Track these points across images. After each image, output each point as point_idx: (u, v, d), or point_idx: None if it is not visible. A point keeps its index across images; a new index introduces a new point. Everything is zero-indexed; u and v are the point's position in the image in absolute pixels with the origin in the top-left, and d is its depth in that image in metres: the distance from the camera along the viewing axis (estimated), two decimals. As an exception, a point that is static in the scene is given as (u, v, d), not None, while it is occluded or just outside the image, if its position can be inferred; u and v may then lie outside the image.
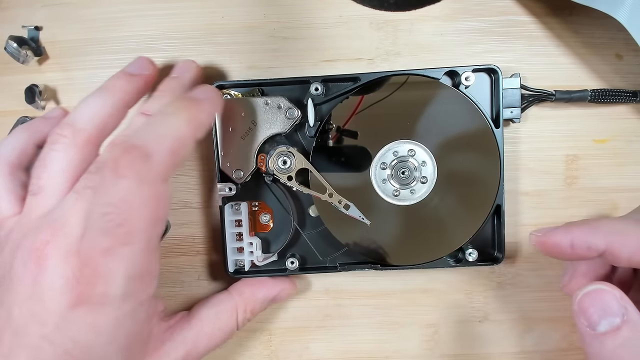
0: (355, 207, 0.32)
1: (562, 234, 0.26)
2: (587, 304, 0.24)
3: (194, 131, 0.26)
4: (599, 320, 0.23)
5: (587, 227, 0.26)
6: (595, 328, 0.23)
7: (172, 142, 0.24)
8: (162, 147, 0.24)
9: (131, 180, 0.22)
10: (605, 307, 0.23)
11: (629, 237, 0.24)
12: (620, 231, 0.25)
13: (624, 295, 0.24)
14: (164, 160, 0.24)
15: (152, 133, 0.24)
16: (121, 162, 0.22)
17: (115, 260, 0.22)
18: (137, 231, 0.22)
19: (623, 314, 0.23)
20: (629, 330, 0.22)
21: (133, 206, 0.22)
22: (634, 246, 0.24)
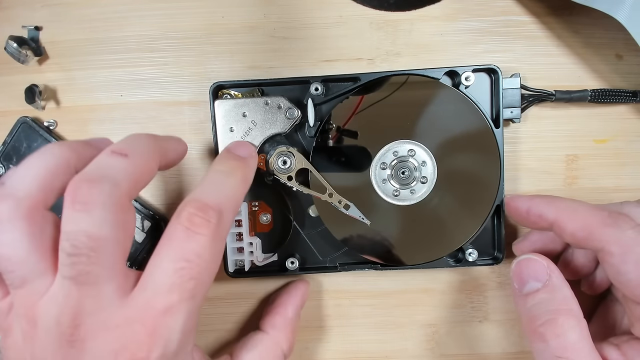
0: (355, 207, 0.32)
1: (524, 201, 0.30)
2: (519, 269, 0.28)
3: (245, 190, 0.27)
4: (526, 283, 0.27)
5: (545, 199, 0.29)
6: (522, 289, 0.27)
7: (235, 202, 0.25)
8: (230, 206, 0.24)
9: (207, 237, 0.22)
10: (533, 272, 0.27)
11: (577, 215, 0.27)
12: (572, 209, 0.27)
13: (552, 264, 0.27)
14: (231, 218, 0.25)
15: (220, 192, 0.24)
16: (196, 219, 0.22)
17: (177, 317, 0.22)
18: (203, 284, 0.23)
19: (546, 280, 0.27)
20: (547, 293, 0.26)
21: (206, 261, 0.22)
22: (579, 225, 0.27)
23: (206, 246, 0.22)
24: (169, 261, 0.22)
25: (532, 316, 0.26)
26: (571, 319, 0.25)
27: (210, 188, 0.25)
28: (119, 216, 0.22)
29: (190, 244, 0.22)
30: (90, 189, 0.21)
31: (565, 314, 0.25)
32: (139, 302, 0.22)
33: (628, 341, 0.27)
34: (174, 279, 0.22)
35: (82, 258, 0.21)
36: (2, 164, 0.35)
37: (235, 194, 0.26)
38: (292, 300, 0.34)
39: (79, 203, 0.21)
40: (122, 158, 0.23)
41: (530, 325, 0.26)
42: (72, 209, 0.21)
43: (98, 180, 0.22)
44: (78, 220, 0.21)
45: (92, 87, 0.36)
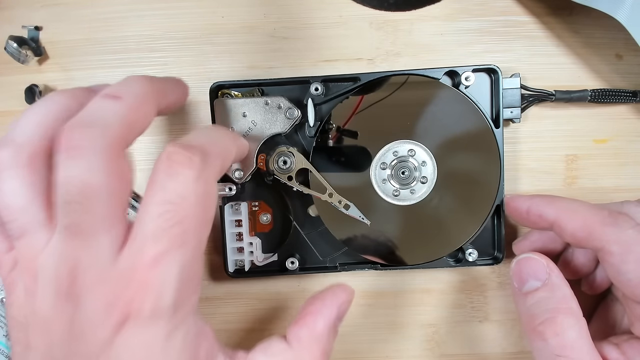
0: (355, 207, 0.32)
1: (524, 201, 0.30)
2: (519, 268, 0.28)
3: (235, 148, 0.26)
4: (525, 282, 0.27)
5: (545, 199, 0.29)
6: (522, 288, 0.27)
7: (223, 148, 0.24)
8: (216, 149, 0.23)
9: (189, 176, 0.21)
10: (533, 271, 0.27)
11: (577, 215, 0.27)
12: (572, 209, 0.27)
13: (551, 263, 0.27)
14: (217, 161, 0.23)
15: (205, 136, 0.23)
16: (177, 157, 0.21)
17: (168, 267, 0.20)
18: (192, 231, 0.21)
19: (546, 279, 0.27)
20: (546, 292, 0.26)
21: (190, 203, 0.21)
22: (579, 224, 0.27)
23: (189, 186, 0.21)
24: (152, 204, 0.21)
25: (531, 315, 0.26)
26: (570, 317, 0.25)
27: (194, 134, 0.23)
28: (112, 162, 0.21)
29: (172, 183, 0.21)
30: (81, 134, 0.20)
31: (565, 312, 0.25)
32: (130, 253, 0.21)
33: (628, 340, 0.27)
34: (158, 223, 0.20)
35: (75, 206, 0.20)
36: (2, 164, 0.35)
37: (224, 141, 0.24)
38: (326, 310, 0.27)
39: (70, 148, 0.20)
40: (115, 101, 0.22)
41: (530, 323, 0.26)
42: (64, 155, 0.20)
43: (89, 125, 0.21)
44: (70, 166, 0.20)
45: (92, 87, 0.35)
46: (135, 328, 0.20)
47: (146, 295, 0.20)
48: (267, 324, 0.37)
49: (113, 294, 0.20)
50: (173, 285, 0.21)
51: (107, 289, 0.20)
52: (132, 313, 0.20)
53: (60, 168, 0.20)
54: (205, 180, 0.22)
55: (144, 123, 0.23)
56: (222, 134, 0.26)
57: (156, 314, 0.20)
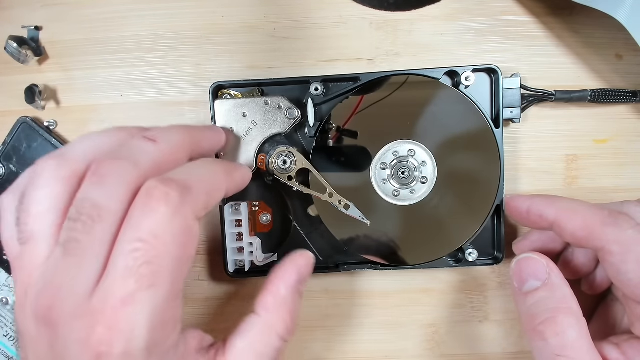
0: (355, 207, 0.32)
1: (524, 200, 0.30)
2: (519, 268, 0.28)
3: (227, 182, 0.25)
4: (526, 282, 0.27)
5: (545, 199, 0.29)
6: (522, 288, 0.27)
7: (209, 184, 0.24)
8: (200, 185, 0.23)
9: (164, 214, 0.20)
10: (533, 271, 0.27)
11: (577, 215, 0.27)
12: (572, 209, 0.28)
13: (551, 263, 0.27)
14: (201, 197, 0.22)
15: (189, 172, 0.23)
16: (154, 192, 0.21)
17: (137, 309, 0.20)
18: (164, 271, 0.20)
19: (546, 278, 0.27)
20: (546, 291, 0.27)
21: (164, 242, 0.20)
22: (579, 224, 0.27)
23: (163, 224, 0.20)
24: (124, 242, 0.20)
25: (531, 315, 0.26)
26: (570, 317, 0.25)
27: (182, 169, 0.23)
28: (127, 197, 0.21)
29: (146, 220, 0.20)
30: (110, 165, 0.21)
31: (565, 312, 0.25)
32: (102, 290, 0.20)
33: (628, 340, 0.27)
34: (128, 262, 0.20)
35: (78, 224, 0.20)
36: (2, 164, 0.35)
37: (211, 177, 0.24)
38: (287, 274, 0.28)
39: (96, 175, 0.21)
40: (151, 143, 0.23)
41: (530, 323, 0.26)
42: (89, 181, 0.21)
43: (120, 158, 0.22)
44: (90, 190, 0.21)
45: (92, 87, 0.36)
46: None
47: (115, 337, 0.20)
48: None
49: (85, 331, 0.20)
50: (144, 328, 0.20)
51: (80, 324, 0.20)
52: (102, 354, 0.20)
53: (81, 189, 0.21)
54: (184, 217, 0.21)
55: (174, 165, 0.24)
56: (213, 168, 0.25)
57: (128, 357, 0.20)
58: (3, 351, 0.36)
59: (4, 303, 0.36)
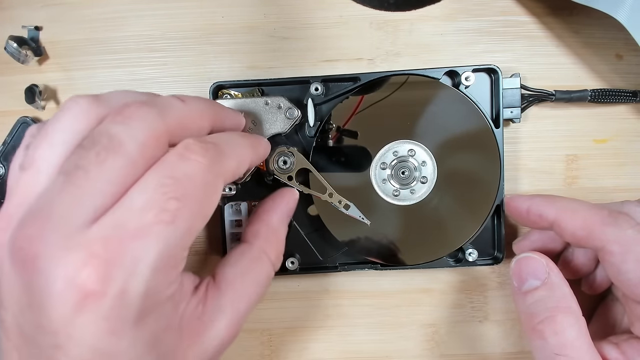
0: (355, 207, 0.32)
1: (524, 200, 0.30)
2: (519, 267, 0.28)
3: (252, 155, 0.26)
4: (525, 281, 0.27)
5: (545, 199, 0.29)
6: (521, 287, 0.28)
7: (239, 154, 0.24)
8: (232, 153, 0.23)
9: (200, 162, 0.20)
10: (532, 270, 0.27)
11: (577, 215, 0.27)
12: (572, 209, 0.28)
13: (551, 263, 0.28)
14: (231, 163, 0.23)
15: (222, 139, 0.23)
16: (193, 146, 0.20)
17: (149, 244, 0.18)
18: (187, 212, 0.19)
19: (545, 278, 0.27)
20: (545, 291, 0.27)
21: (195, 184, 0.20)
22: (579, 224, 0.27)
23: (199, 171, 0.20)
24: (153, 177, 0.19)
25: (530, 314, 0.26)
26: (570, 316, 0.25)
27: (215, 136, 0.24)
28: (149, 140, 0.20)
29: (182, 164, 0.20)
30: (137, 108, 0.20)
31: (564, 311, 0.26)
32: (107, 222, 0.18)
33: (627, 340, 0.27)
34: (153, 194, 0.19)
35: (90, 153, 0.19)
36: (2, 164, 0.35)
37: (241, 148, 0.24)
38: (277, 206, 0.30)
39: (121, 115, 0.20)
40: (179, 101, 0.23)
41: (529, 322, 0.26)
42: (112, 118, 0.20)
43: (149, 105, 0.21)
44: (111, 125, 0.20)
45: (92, 87, 0.36)
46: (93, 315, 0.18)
47: (113, 273, 0.18)
48: (267, 323, 0.37)
49: (73, 265, 0.17)
50: (148, 267, 0.18)
51: (68, 257, 0.18)
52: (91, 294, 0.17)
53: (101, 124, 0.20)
54: (215, 174, 0.21)
55: (196, 130, 0.23)
56: (242, 140, 0.25)
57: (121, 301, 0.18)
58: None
59: None
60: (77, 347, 0.18)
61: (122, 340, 0.18)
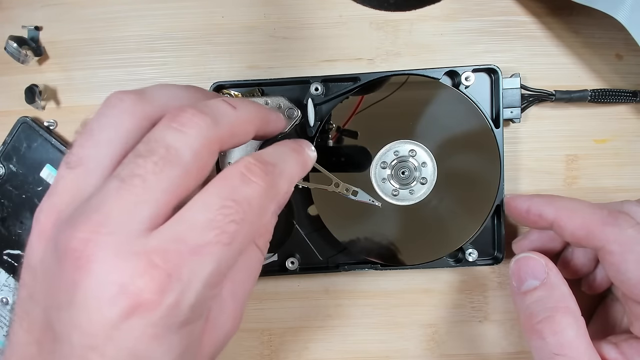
0: (364, 192, 0.32)
1: (523, 200, 0.30)
2: (518, 267, 0.28)
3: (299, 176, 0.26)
4: (524, 281, 0.27)
5: (545, 199, 0.29)
6: (520, 287, 0.28)
7: (292, 175, 0.24)
8: (289, 174, 0.23)
9: (260, 186, 0.21)
10: (532, 270, 0.27)
11: (577, 214, 0.27)
12: (571, 208, 0.28)
13: (550, 263, 0.28)
14: (285, 185, 0.23)
15: (281, 158, 0.23)
16: (254, 168, 0.21)
17: (204, 261, 0.19)
18: (242, 236, 0.20)
19: (544, 278, 0.27)
20: (544, 291, 0.27)
21: (254, 210, 0.20)
22: (578, 224, 0.27)
23: (259, 196, 0.21)
24: (216, 197, 0.20)
25: (530, 314, 0.26)
26: (569, 316, 0.25)
27: (271, 151, 0.24)
28: (203, 149, 0.20)
29: (244, 187, 0.20)
30: (194, 116, 0.20)
31: (563, 311, 0.26)
32: (167, 234, 0.19)
33: (627, 340, 0.27)
34: (216, 215, 0.19)
35: (148, 162, 0.19)
36: (2, 164, 0.35)
37: (294, 166, 0.24)
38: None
39: (176, 121, 0.20)
40: (231, 108, 0.23)
41: (528, 322, 0.26)
42: (167, 124, 0.20)
43: (204, 112, 0.21)
44: (167, 132, 0.20)
45: (92, 87, 0.36)
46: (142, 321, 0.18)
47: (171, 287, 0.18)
48: (267, 323, 0.37)
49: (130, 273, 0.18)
50: (201, 283, 0.19)
51: (124, 264, 0.18)
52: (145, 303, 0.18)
53: (156, 131, 0.20)
54: (271, 199, 0.22)
55: (243, 137, 0.24)
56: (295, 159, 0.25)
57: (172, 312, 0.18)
58: (3, 351, 0.36)
59: (4, 303, 0.36)
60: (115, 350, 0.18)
61: (162, 347, 0.19)
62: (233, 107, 0.23)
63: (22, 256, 0.22)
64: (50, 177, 0.35)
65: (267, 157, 0.23)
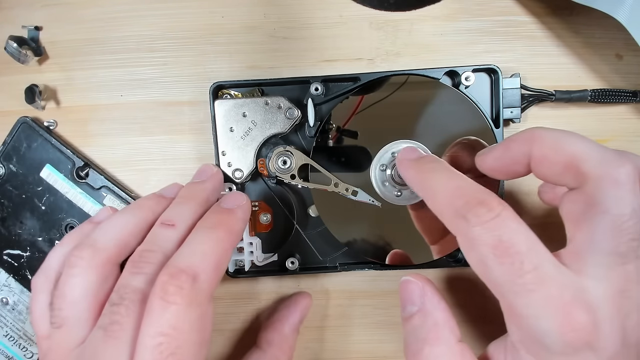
0: (364, 192, 0.32)
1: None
2: (400, 291, 0.26)
3: (233, 243, 0.27)
4: (405, 307, 0.26)
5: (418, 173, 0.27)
6: (402, 311, 0.26)
7: (215, 259, 0.24)
8: (208, 266, 0.24)
9: (180, 306, 0.22)
10: (409, 295, 0.26)
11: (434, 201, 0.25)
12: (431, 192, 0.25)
13: (428, 285, 0.26)
14: (210, 278, 0.24)
15: (195, 253, 0.24)
16: (169, 288, 0.22)
17: None
18: (187, 356, 0.22)
19: (420, 304, 0.25)
20: (419, 319, 0.25)
21: (183, 332, 0.22)
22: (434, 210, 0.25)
23: (182, 316, 0.22)
24: (148, 336, 0.22)
25: (406, 343, 0.25)
26: (438, 347, 0.24)
27: (187, 250, 0.24)
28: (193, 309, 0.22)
29: (165, 315, 0.22)
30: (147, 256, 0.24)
31: (432, 343, 0.24)
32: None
33: None
34: (154, 355, 0.21)
35: (121, 308, 0.22)
36: (2, 164, 0.35)
37: (215, 251, 0.25)
38: (291, 315, 0.34)
39: (136, 267, 0.24)
40: (171, 229, 0.26)
41: (406, 352, 0.25)
42: (130, 271, 0.24)
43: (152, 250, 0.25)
44: (130, 277, 0.23)
45: (92, 87, 0.36)
46: None
47: None
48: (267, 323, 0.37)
49: None
50: None
51: None
52: None
53: (122, 277, 0.24)
54: (198, 304, 0.23)
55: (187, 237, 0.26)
56: (216, 236, 0.26)
57: None
58: (3, 351, 0.36)
59: (4, 303, 0.36)
60: None
61: None
62: (172, 227, 0.26)
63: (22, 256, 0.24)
64: (50, 177, 0.35)
65: (182, 263, 0.23)
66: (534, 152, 0.24)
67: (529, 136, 0.24)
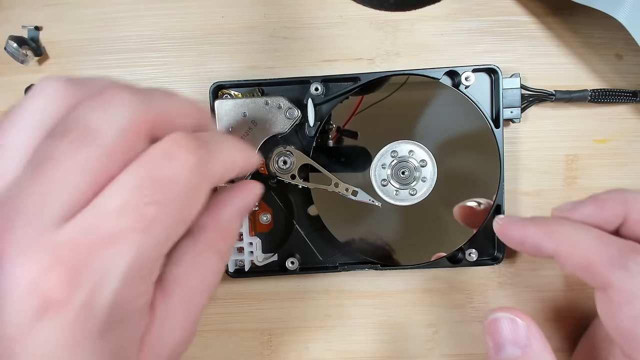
0: (363, 192, 0.32)
1: (517, 229, 0.25)
2: (496, 328, 0.24)
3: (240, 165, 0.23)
4: (502, 347, 0.23)
5: (542, 229, 0.25)
6: (498, 353, 0.23)
7: (229, 159, 0.21)
8: (223, 156, 0.20)
9: (188, 161, 0.18)
10: (513, 336, 0.23)
11: (579, 250, 0.23)
12: (574, 242, 0.24)
13: (533, 326, 0.24)
14: (220, 166, 0.20)
15: (215, 139, 0.21)
16: (182, 141, 0.18)
17: (121, 252, 0.16)
18: (165, 220, 0.17)
19: (526, 345, 0.23)
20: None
21: (179, 189, 0.18)
22: (580, 261, 0.23)
23: (185, 173, 0.18)
24: (130, 176, 0.17)
25: None
26: None
27: (208, 134, 0.21)
28: (127, 131, 0.18)
29: (166, 163, 0.18)
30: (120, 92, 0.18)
31: None
32: (78, 224, 0.16)
33: None
34: (130, 197, 0.17)
35: (63, 142, 0.17)
36: (2, 164, 0.35)
37: (232, 153, 0.21)
38: (231, 200, 0.24)
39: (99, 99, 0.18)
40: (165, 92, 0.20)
41: None
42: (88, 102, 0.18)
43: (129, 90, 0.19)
44: (87, 111, 0.18)
45: (92, 87, 0.35)
46: (53, 325, 0.16)
47: (80, 281, 0.16)
48: (267, 323, 0.37)
49: (38, 269, 0.16)
50: (118, 278, 0.17)
51: (33, 259, 0.16)
52: (53, 303, 0.16)
53: (75, 109, 0.18)
54: (203, 176, 0.19)
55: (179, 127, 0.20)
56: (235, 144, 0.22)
57: (85, 312, 0.16)
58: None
59: None
60: (31, 356, 0.16)
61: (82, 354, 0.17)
62: (168, 93, 0.20)
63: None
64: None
65: (200, 135, 0.20)
66: (631, 215, 0.24)
67: (622, 199, 0.24)
